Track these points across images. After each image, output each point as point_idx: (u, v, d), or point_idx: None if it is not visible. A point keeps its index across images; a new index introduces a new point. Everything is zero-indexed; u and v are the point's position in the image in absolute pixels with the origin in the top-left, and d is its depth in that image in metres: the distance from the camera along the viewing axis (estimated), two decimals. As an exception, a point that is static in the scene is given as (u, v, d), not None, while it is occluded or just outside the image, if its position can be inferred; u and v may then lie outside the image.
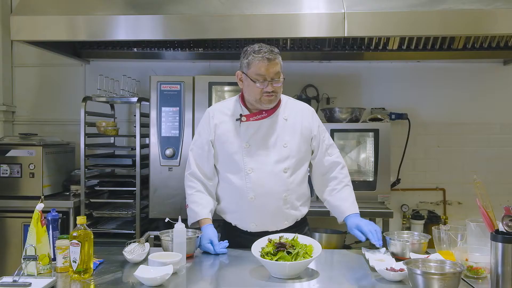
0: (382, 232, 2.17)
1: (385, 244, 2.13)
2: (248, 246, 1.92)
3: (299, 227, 2.29)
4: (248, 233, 2.20)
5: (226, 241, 2.16)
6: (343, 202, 2.27)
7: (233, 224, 2.27)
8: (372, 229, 2.13)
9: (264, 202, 2.17)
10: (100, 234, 3.31)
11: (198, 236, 2.15)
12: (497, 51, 3.66)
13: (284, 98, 2.31)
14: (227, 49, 3.76)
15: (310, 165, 2.34)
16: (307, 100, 3.75)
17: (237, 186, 2.20)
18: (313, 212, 2.51)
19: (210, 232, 2.17)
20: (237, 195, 2.21)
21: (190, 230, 2.20)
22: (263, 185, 2.17)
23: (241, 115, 2.21)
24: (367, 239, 2.13)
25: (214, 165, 2.29)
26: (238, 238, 2.21)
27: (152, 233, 3.11)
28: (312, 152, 2.30)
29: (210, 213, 2.26)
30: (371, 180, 3.42)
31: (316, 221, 3.24)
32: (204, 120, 2.31)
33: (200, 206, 2.25)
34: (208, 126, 2.27)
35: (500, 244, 1.59)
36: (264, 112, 2.20)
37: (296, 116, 2.26)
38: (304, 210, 2.30)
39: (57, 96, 4.10)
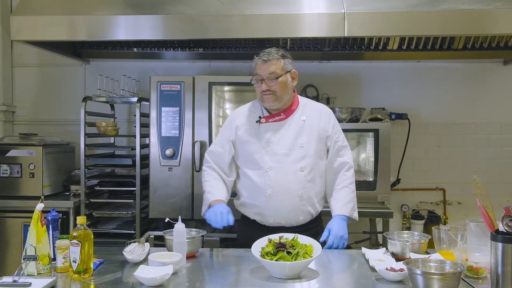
0: (382, 232, 2.18)
1: (385, 244, 2.14)
2: None
3: (314, 223, 2.40)
4: (266, 227, 2.31)
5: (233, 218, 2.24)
6: (336, 202, 2.36)
7: (251, 219, 2.38)
8: (336, 237, 2.23)
9: (281, 198, 2.28)
10: (100, 234, 3.31)
11: (202, 236, 2.15)
12: (497, 51, 3.66)
13: (303, 100, 2.43)
14: (227, 49, 3.76)
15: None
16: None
17: (256, 183, 2.32)
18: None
19: (222, 206, 2.27)
20: (256, 191, 2.33)
21: (193, 229, 2.21)
22: (281, 183, 2.28)
23: (260, 117, 2.34)
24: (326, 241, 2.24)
25: (235, 162, 2.43)
26: (256, 231, 2.25)
27: (152, 233, 3.12)
28: (327, 152, 2.40)
29: (226, 199, 2.37)
30: (371, 180, 3.42)
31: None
32: (228, 121, 2.48)
33: (217, 190, 2.36)
34: (230, 127, 2.42)
35: (500, 244, 1.59)
36: (282, 114, 2.33)
37: (314, 117, 2.36)
38: (319, 207, 2.41)
39: (57, 96, 4.11)
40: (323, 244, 2.19)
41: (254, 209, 2.36)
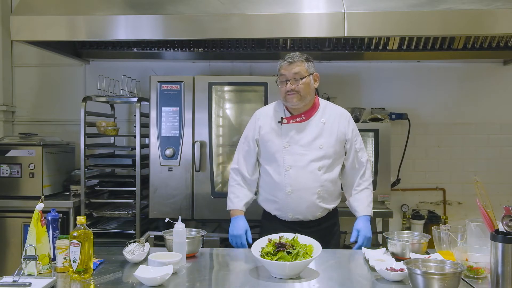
0: (382, 232, 2.19)
1: (385, 244, 2.14)
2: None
3: (330, 217, 2.51)
4: (285, 222, 2.45)
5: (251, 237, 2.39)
6: (359, 203, 2.49)
7: (272, 214, 2.49)
8: (365, 237, 2.38)
9: (300, 195, 2.40)
10: (100, 234, 3.31)
11: (202, 236, 2.15)
12: (497, 51, 3.66)
13: (323, 103, 2.52)
14: (227, 49, 3.76)
15: (343, 165, 2.54)
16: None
17: (277, 181, 2.42)
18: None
19: (242, 224, 2.43)
20: (276, 188, 2.44)
21: (193, 229, 2.22)
22: (300, 181, 2.39)
23: (282, 118, 2.43)
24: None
25: (258, 160, 2.53)
26: (278, 225, 2.43)
27: (152, 233, 3.12)
28: (346, 154, 2.51)
29: (245, 206, 2.51)
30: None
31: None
32: (252, 121, 2.56)
33: (238, 198, 2.50)
34: (254, 126, 2.52)
35: (500, 244, 1.60)
36: (303, 115, 2.42)
37: (334, 120, 2.46)
38: (335, 204, 2.53)
39: (57, 96, 4.11)
40: (353, 244, 2.41)
41: (274, 205, 2.48)
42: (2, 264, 3.33)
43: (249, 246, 2.31)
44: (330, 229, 2.51)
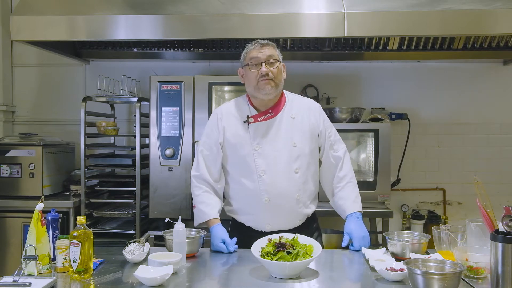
0: (382, 232, 2.17)
1: (385, 244, 2.14)
2: None
3: (310, 223, 2.31)
4: (262, 233, 2.17)
5: (235, 238, 2.18)
6: (345, 201, 2.27)
7: (246, 225, 2.27)
8: (359, 239, 2.16)
9: (278, 203, 2.18)
10: (100, 234, 3.31)
11: (201, 236, 2.15)
12: (497, 51, 3.66)
13: (290, 96, 2.31)
14: (227, 49, 3.76)
15: (320, 163, 2.33)
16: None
17: (251, 189, 2.19)
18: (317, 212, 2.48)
19: (220, 232, 2.18)
20: (251, 198, 2.21)
21: (193, 229, 2.21)
22: (276, 186, 2.17)
23: (248, 116, 2.21)
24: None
25: (224, 166, 2.29)
26: (251, 238, 2.10)
27: (152, 233, 3.12)
28: (320, 149, 2.30)
29: (218, 213, 2.26)
30: (371, 180, 3.42)
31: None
32: (212, 121, 2.31)
33: (209, 207, 2.24)
34: (216, 128, 2.26)
35: (500, 244, 1.59)
36: (270, 111, 2.20)
37: (304, 114, 2.25)
38: (313, 207, 2.32)
39: (57, 96, 4.11)
40: (346, 248, 2.18)
41: (248, 216, 2.25)
42: (2, 264, 3.33)
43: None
44: (310, 236, 2.14)
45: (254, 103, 2.24)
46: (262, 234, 2.14)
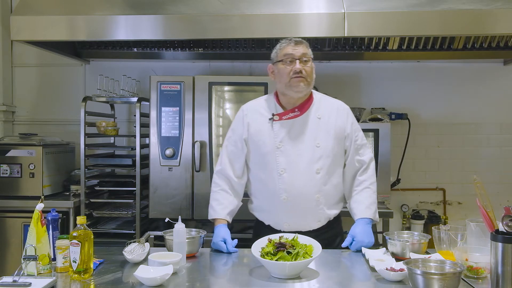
0: (382, 232, 2.17)
1: (385, 244, 2.14)
2: None
3: (332, 226, 2.28)
4: (281, 233, 2.11)
5: (236, 240, 2.18)
6: (358, 205, 2.25)
7: (266, 224, 2.26)
8: (359, 244, 2.13)
9: (297, 203, 2.17)
10: (100, 234, 3.31)
11: (201, 236, 2.15)
12: (497, 51, 3.65)
13: (318, 96, 2.29)
14: (227, 49, 3.76)
15: (344, 165, 2.31)
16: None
17: (270, 187, 2.19)
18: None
19: (223, 231, 2.18)
20: (270, 195, 2.21)
21: (193, 229, 2.21)
22: (296, 186, 2.16)
23: (273, 114, 2.20)
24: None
25: (246, 163, 2.29)
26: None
27: (152, 233, 3.12)
28: (345, 152, 2.27)
29: (229, 215, 2.26)
30: (371, 180, 3.41)
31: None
32: (238, 117, 2.31)
33: (221, 206, 2.25)
34: (241, 124, 2.27)
35: (500, 244, 1.59)
36: (296, 110, 2.19)
37: (330, 114, 2.23)
38: (336, 211, 2.29)
39: (57, 96, 4.11)
40: (346, 249, 2.17)
41: (267, 214, 2.25)
42: (2, 264, 3.33)
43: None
44: (331, 240, 2.27)
45: (281, 101, 2.23)
46: (280, 233, 2.09)
